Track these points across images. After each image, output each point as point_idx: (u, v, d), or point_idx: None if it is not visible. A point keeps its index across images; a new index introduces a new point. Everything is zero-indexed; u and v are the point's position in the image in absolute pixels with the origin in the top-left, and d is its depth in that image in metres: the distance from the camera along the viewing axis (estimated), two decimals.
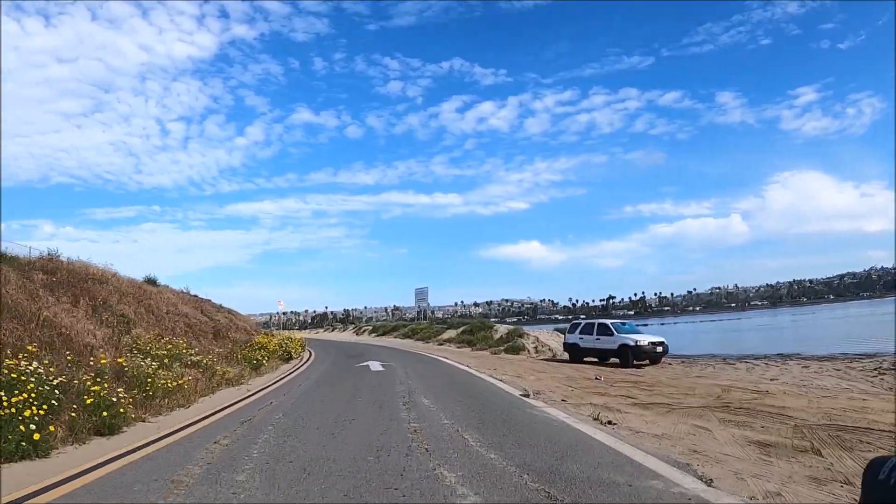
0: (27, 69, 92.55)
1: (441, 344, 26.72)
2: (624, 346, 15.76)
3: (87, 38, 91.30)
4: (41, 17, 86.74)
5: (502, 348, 21.21)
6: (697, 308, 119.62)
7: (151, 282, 19.49)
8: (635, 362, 15.44)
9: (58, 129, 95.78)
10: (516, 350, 20.34)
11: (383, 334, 37.35)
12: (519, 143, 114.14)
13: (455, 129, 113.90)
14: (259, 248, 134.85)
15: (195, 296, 25.19)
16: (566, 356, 17.94)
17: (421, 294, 45.40)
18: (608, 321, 17.66)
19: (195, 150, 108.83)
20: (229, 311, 35.59)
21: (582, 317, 49.56)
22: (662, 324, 66.03)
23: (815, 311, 76.34)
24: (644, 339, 15.94)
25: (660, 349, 15.84)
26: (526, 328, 24.97)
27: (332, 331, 56.05)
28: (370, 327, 43.77)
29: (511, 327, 24.96)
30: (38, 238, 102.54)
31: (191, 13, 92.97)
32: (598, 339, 16.75)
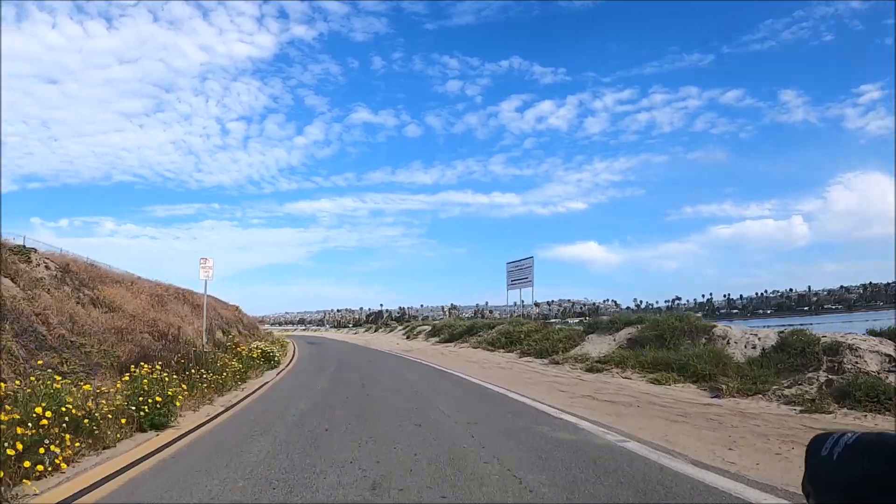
0: (90, 70, 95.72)
1: (604, 370, 16.65)
2: None
3: (148, 40, 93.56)
4: (103, 20, 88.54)
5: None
6: (768, 311, 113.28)
7: None
8: None
9: (120, 128, 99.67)
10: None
11: (449, 340, 24.90)
12: (578, 143, 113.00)
13: (514, 128, 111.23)
14: (317, 246, 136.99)
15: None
16: None
17: (520, 273, 25.51)
18: None
19: (255, 149, 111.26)
20: (236, 309, 27.67)
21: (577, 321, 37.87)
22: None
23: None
24: None
25: None
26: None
27: (376, 331, 47.52)
28: (428, 327, 31.20)
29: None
30: (99, 235, 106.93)
31: (251, 14, 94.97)
32: None
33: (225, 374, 9.48)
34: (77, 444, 4.60)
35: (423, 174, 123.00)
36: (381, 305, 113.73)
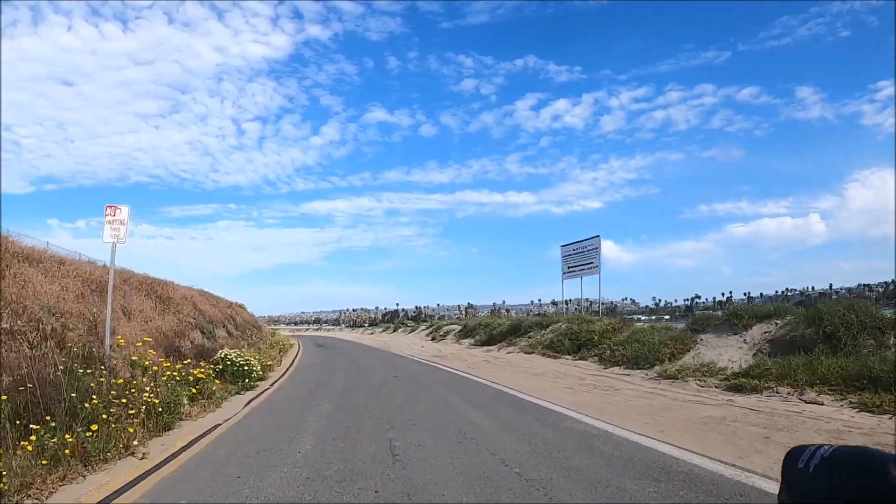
0: (105, 72, 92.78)
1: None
2: None
3: (163, 41, 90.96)
4: (119, 22, 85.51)
5: None
6: None
7: None
8: None
9: (135, 129, 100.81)
10: None
11: (487, 343, 20.09)
12: (594, 141, 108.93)
13: (530, 126, 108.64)
14: (332, 246, 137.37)
15: None
16: None
17: (581, 257, 20.67)
18: None
19: (270, 149, 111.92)
20: (230, 306, 22.93)
21: (666, 318, 32.17)
22: None
23: None
24: None
25: None
26: None
27: (395, 331, 42.79)
28: (457, 326, 26.17)
29: None
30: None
31: (265, 14, 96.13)
32: None
33: (113, 422, 4.49)
34: None
35: (438, 173, 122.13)
36: (398, 305, 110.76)
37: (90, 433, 4.42)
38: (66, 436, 4.23)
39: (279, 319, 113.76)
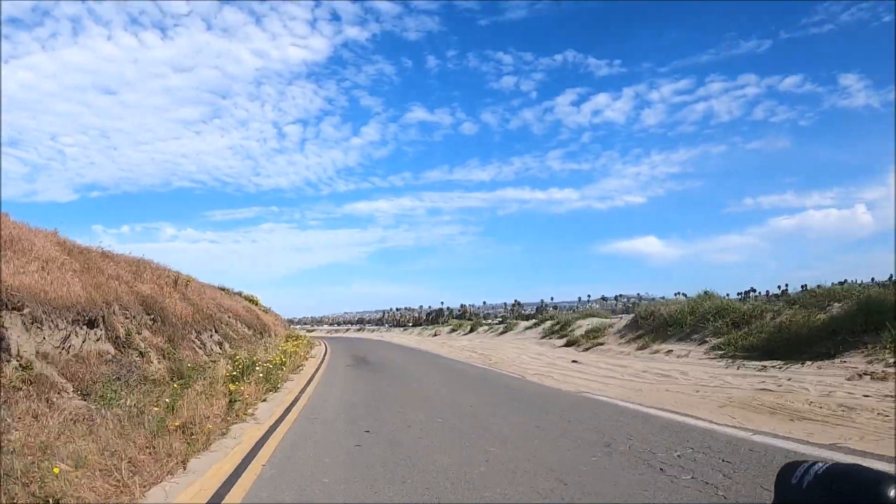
0: (147, 80, 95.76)
1: None
2: None
3: (203, 48, 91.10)
4: (158, 30, 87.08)
5: None
6: None
7: None
8: None
9: (178, 135, 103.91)
10: None
11: (642, 345, 12.76)
12: (635, 135, 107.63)
13: (570, 122, 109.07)
14: (374, 246, 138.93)
15: None
16: None
17: None
18: None
19: (312, 151, 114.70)
20: (228, 294, 14.38)
21: None
22: None
23: None
24: None
25: None
26: None
27: (453, 331, 32.30)
28: (582, 325, 17.14)
29: None
30: (160, 240, 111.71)
31: (303, 17, 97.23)
32: None
33: None
34: None
35: (480, 171, 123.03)
36: (442, 303, 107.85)
37: None
38: None
39: (322, 320, 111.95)
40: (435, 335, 32.75)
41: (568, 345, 15.70)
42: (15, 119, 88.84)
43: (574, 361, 12.24)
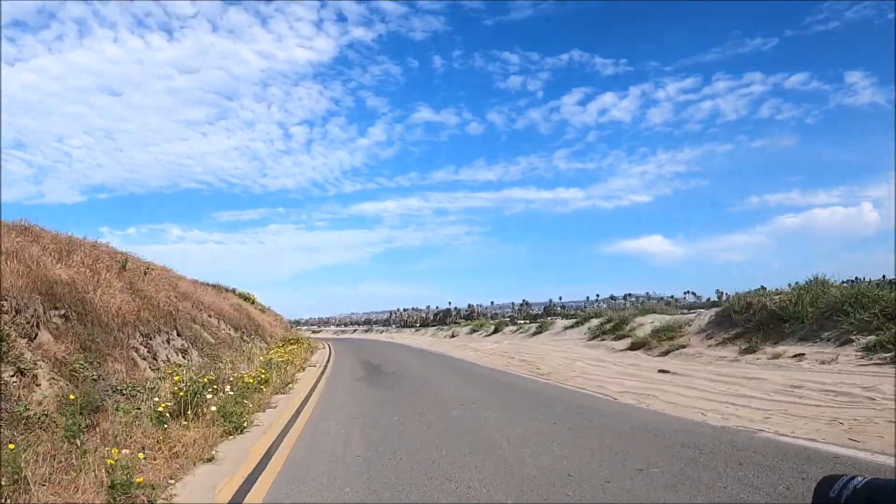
0: (153, 81, 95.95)
1: None
2: None
3: (209, 49, 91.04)
4: (164, 32, 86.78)
5: None
6: None
7: None
8: None
9: (184, 137, 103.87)
10: None
11: (745, 348, 8.20)
12: (641, 135, 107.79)
13: (576, 121, 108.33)
14: (380, 246, 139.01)
15: None
16: None
17: None
18: None
19: (318, 152, 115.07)
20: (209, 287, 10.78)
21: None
22: None
23: None
24: None
25: None
26: None
27: (473, 332, 28.08)
28: (649, 322, 13.61)
29: None
30: (166, 241, 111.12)
31: (309, 18, 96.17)
32: None
33: None
34: None
35: (486, 171, 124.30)
36: (450, 303, 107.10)
37: None
38: None
39: (329, 321, 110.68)
40: (452, 336, 29.19)
41: (633, 348, 12.39)
42: (21, 121, 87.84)
43: (663, 371, 8.97)
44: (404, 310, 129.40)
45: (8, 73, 72.67)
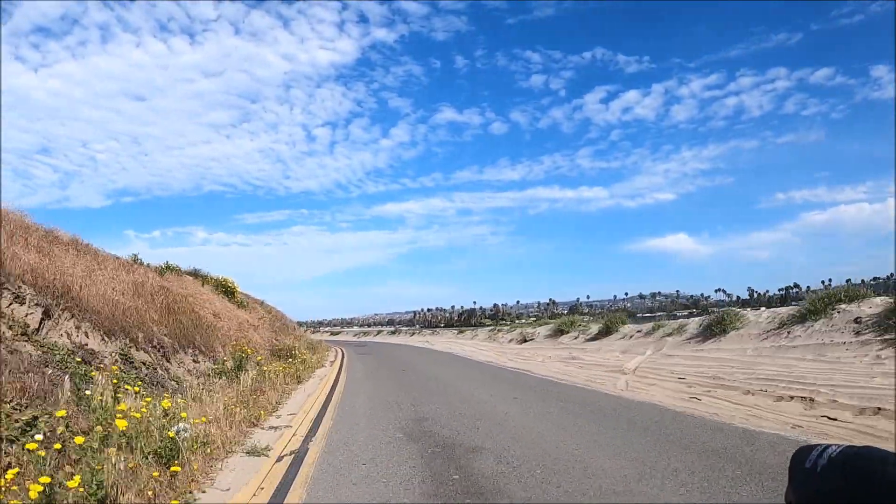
0: (176, 85, 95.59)
1: None
2: None
3: (231, 52, 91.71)
4: (186, 36, 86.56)
5: None
6: None
7: None
8: None
9: (208, 140, 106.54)
10: None
11: None
12: (665, 132, 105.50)
13: (600, 120, 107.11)
14: (405, 247, 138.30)
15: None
16: None
17: None
18: None
19: (341, 153, 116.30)
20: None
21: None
22: None
23: None
24: None
25: None
26: None
27: (524, 341, 21.36)
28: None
29: None
30: (191, 244, 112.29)
31: (331, 20, 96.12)
32: None
33: None
34: None
35: (510, 171, 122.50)
36: (475, 303, 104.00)
37: None
38: None
39: (352, 322, 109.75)
40: (523, 341, 22.05)
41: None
42: (46, 127, 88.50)
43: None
44: (428, 310, 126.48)
45: (32, 80, 73.03)
